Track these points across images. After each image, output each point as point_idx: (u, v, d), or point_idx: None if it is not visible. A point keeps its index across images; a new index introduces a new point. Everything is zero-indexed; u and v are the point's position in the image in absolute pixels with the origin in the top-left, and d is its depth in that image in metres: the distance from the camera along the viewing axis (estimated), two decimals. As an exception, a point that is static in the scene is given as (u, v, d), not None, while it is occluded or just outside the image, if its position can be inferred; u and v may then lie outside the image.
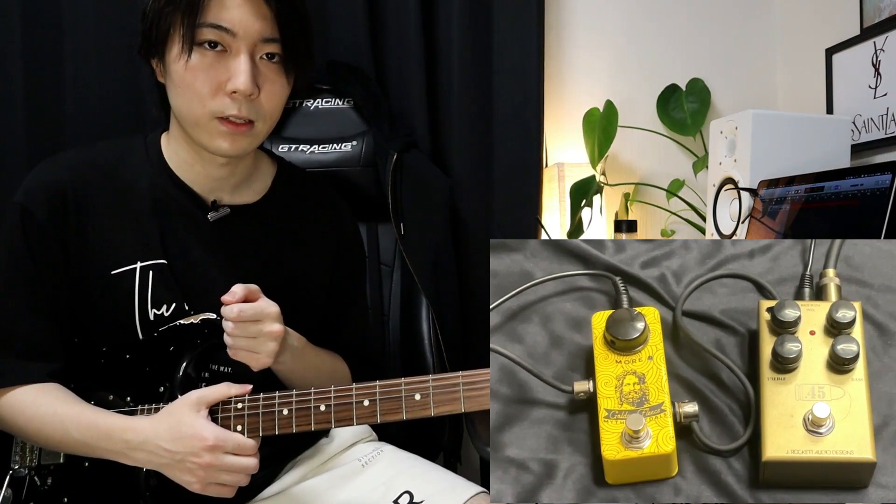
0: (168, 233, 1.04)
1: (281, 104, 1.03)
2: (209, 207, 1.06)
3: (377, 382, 0.95)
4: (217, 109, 0.97)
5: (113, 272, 1.02)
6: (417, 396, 0.93)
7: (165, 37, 0.97)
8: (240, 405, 0.96)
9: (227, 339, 0.96)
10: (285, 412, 0.96)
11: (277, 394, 0.97)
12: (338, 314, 1.18)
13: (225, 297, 0.95)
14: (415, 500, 1.05)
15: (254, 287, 0.97)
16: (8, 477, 0.99)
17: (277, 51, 0.99)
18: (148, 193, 1.05)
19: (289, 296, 1.08)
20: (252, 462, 0.93)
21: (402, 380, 0.94)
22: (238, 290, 0.95)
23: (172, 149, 1.07)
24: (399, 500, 1.05)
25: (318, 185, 1.21)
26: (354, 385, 0.95)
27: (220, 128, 0.98)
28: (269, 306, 0.96)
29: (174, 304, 1.03)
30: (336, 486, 1.10)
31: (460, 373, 0.92)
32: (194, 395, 0.95)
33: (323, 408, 0.95)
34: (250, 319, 0.94)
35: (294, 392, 0.96)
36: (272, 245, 1.10)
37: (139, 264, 1.02)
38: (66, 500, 0.98)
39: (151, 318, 1.02)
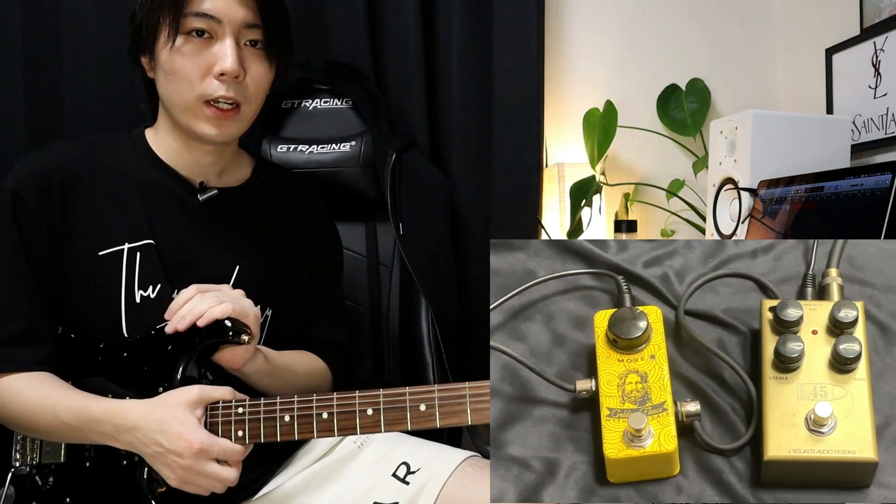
0: (157, 214, 1.07)
1: (265, 89, 1.09)
2: (197, 189, 1.10)
3: (381, 391, 0.93)
4: (206, 92, 1.02)
5: (101, 253, 1.04)
6: (423, 407, 0.92)
7: (155, 30, 1.02)
8: (241, 409, 0.96)
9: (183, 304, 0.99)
10: (287, 418, 0.95)
11: (279, 399, 0.96)
12: (318, 305, 1.21)
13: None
14: (412, 469, 1.06)
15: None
16: (10, 475, 0.99)
17: (259, 36, 1.05)
18: (136, 178, 1.08)
19: (276, 277, 1.12)
20: (231, 475, 0.93)
21: (407, 389, 0.93)
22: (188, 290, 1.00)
23: (160, 139, 1.11)
24: (397, 472, 1.07)
25: (295, 178, 1.28)
26: (358, 393, 0.94)
27: (207, 112, 1.03)
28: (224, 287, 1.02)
29: (159, 286, 1.04)
30: (337, 469, 1.12)
31: (466, 384, 0.91)
32: (195, 390, 0.95)
33: (325, 416, 0.94)
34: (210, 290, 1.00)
35: (296, 398, 0.96)
36: (259, 226, 1.15)
37: (126, 245, 1.04)
38: (68, 500, 0.98)
39: (138, 300, 1.03)
